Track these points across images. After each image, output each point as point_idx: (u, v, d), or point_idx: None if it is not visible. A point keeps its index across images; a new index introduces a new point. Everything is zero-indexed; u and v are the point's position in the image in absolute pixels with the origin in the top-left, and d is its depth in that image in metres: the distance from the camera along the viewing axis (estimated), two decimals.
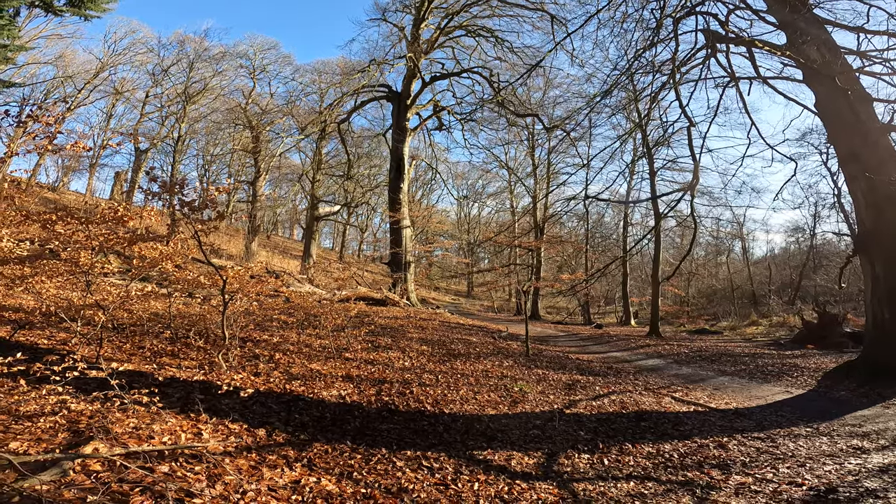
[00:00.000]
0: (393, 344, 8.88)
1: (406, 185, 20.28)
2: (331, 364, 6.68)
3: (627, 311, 24.92)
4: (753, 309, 28.75)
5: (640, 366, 11.40)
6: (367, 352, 7.81)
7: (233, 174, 36.18)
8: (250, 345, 6.87)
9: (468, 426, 5.10)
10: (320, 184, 30.77)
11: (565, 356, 11.65)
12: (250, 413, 4.38)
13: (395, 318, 13.22)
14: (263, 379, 5.42)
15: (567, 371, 9.06)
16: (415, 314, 15.60)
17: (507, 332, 14.40)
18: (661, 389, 8.51)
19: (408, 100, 21.65)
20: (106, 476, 2.70)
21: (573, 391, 7.42)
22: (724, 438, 5.75)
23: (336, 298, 16.56)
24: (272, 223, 43.49)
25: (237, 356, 6.18)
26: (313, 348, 7.47)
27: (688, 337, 18.59)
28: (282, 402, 4.81)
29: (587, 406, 6.59)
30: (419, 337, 10.48)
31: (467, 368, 7.83)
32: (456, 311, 27.26)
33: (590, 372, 9.38)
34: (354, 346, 8.00)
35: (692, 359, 12.56)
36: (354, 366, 6.82)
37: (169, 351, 6.00)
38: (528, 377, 7.91)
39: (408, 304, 17.81)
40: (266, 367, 5.93)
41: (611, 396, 7.38)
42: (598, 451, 4.97)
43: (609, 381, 8.63)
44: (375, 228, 44.16)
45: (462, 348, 9.86)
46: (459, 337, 11.60)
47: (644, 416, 6.52)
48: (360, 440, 4.27)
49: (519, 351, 10.76)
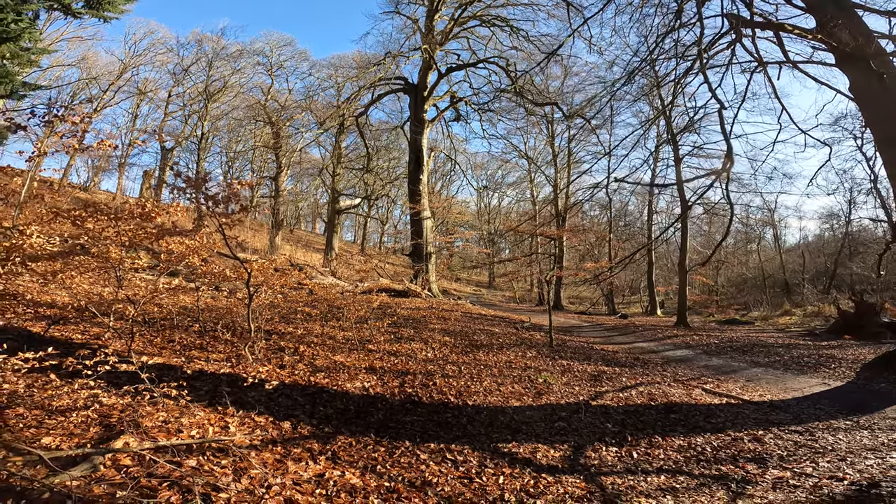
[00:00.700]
0: (415, 335, 8.87)
1: (425, 177, 20.20)
2: (354, 356, 6.70)
3: (653, 301, 24.40)
4: (786, 298, 27.80)
5: (668, 357, 11.14)
6: (389, 343, 7.83)
7: (255, 170, 36.74)
8: (276, 337, 6.95)
9: (492, 418, 5.04)
10: (340, 177, 30.96)
11: (590, 347, 11.46)
12: (276, 406, 4.41)
13: (417, 309, 13.24)
14: (288, 371, 5.46)
15: (592, 362, 8.90)
16: (436, 305, 15.59)
17: (529, 323, 14.26)
18: (691, 381, 8.29)
19: (424, 91, 21.48)
20: (135, 471, 2.74)
21: (599, 382, 7.28)
22: (760, 431, 5.56)
23: (358, 290, 16.69)
24: (295, 217, 44.13)
25: (263, 349, 6.26)
26: (337, 340, 7.52)
27: (717, 327, 18.08)
28: (306, 394, 4.84)
29: (614, 398, 6.45)
30: (441, 328, 10.46)
31: (490, 359, 7.76)
32: (477, 302, 27.19)
33: (616, 363, 9.20)
34: (377, 338, 8.02)
35: (723, 349, 12.20)
36: (377, 357, 6.83)
37: (198, 344, 6.11)
38: (552, 368, 7.80)
39: (429, 295, 17.83)
40: (291, 359, 5.99)
41: (638, 388, 7.21)
42: (626, 443, 4.86)
43: (636, 373, 8.44)
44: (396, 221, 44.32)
45: (485, 339, 9.80)
46: (482, 328, 11.53)
47: (674, 408, 6.35)
48: (384, 433, 4.26)
49: (542, 342, 10.63)
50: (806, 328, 17.63)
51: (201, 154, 27.48)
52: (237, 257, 5.38)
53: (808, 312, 22.86)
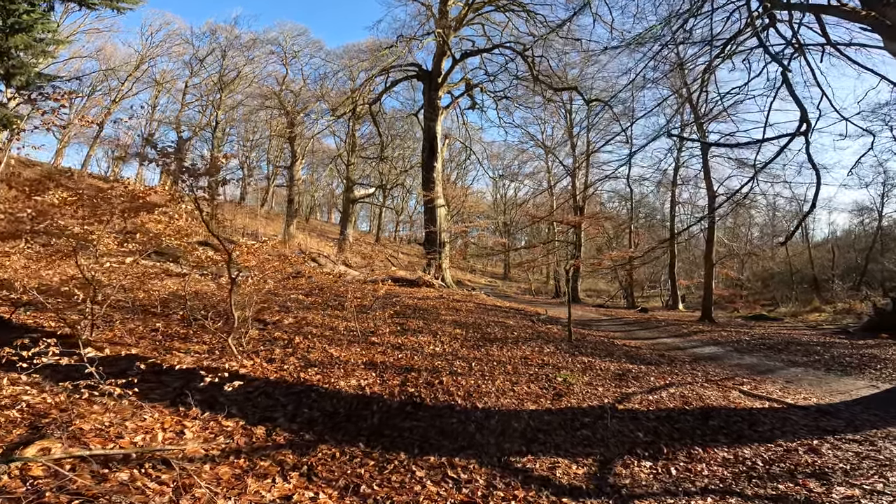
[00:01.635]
0: (424, 327, 8.20)
1: (440, 164, 19.44)
2: (354, 349, 6.07)
3: (675, 295, 23.29)
4: (816, 294, 26.37)
5: (696, 354, 10.27)
6: (395, 336, 7.17)
7: (271, 160, 36.48)
8: (271, 328, 6.37)
9: (504, 424, 4.34)
10: (355, 167, 30.42)
11: (611, 342, 10.65)
12: (252, 406, 3.80)
13: (428, 299, 12.58)
14: (277, 366, 4.85)
15: (615, 359, 8.11)
16: (449, 296, 14.92)
17: (546, 316, 13.48)
18: (725, 381, 7.47)
19: (439, 78, 20.65)
20: (45, 483, 2.13)
21: (625, 382, 6.51)
22: (815, 441, 4.77)
23: (369, 279, 16.13)
24: (310, 207, 43.85)
25: (253, 339, 5.67)
26: (338, 331, 6.90)
27: (744, 323, 17.01)
28: (292, 393, 4.21)
29: (643, 401, 5.69)
30: (452, 320, 9.77)
31: (504, 355, 7.04)
32: (492, 293, 26.42)
33: (641, 360, 8.39)
34: (382, 330, 7.38)
35: (754, 347, 11.26)
36: (380, 351, 6.18)
37: (182, 334, 5.56)
38: (572, 366, 7.05)
39: (442, 285, 17.16)
40: (282, 352, 5.38)
41: (669, 389, 6.43)
42: (661, 456, 4.12)
43: (664, 371, 7.63)
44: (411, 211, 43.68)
45: (498, 332, 9.08)
46: (495, 320, 10.81)
47: (712, 413, 5.57)
48: (376, 441, 3.61)
49: (560, 336, 9.86)
50: (838, 325, 16.53)
51: (216, 143, 27.15)
52: (218, 237, 4.77)
53: (839, 309, 21.66)
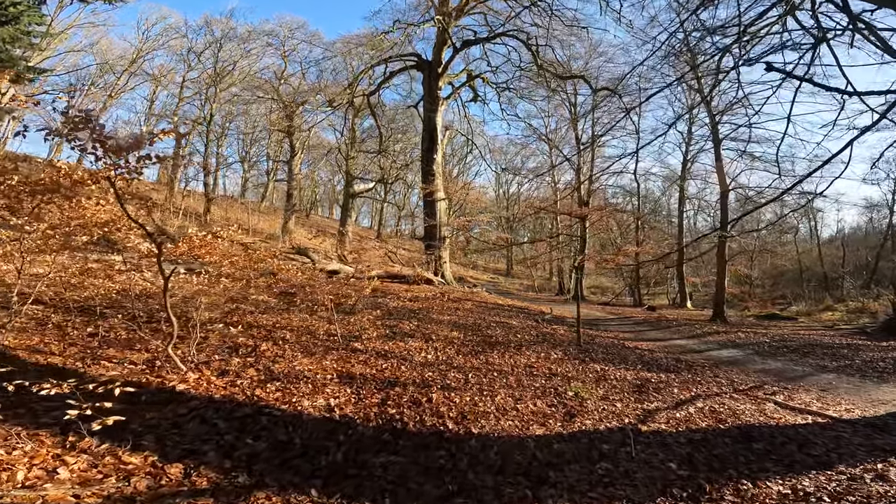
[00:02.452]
0: (417, 330, 7.29)
1: (440, 157, 18.48)
2: (331, 358, 5.16)
3: (683, 293, 22.32)
4: (828, 293, 25.34)
5: (714, 357, 9.33)
6: (382, 341, 6.26)
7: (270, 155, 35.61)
8: (237, 332, 5.46)
9: (505, 457, 3.42)
10: (355, 161, 29.49)
11: (622, 344, 9.72)
12: (178, 435, 2.90)
13: (425, 297, 11.66)
14: (228, 380, 3.95)
15: (630, 366, 7.18)
16: (448, 293, 14.00)
17: (550, 315, 12.55)
18: (755, 390, 6.55)
19: (439, 68, 19.64)
20: None
21: (644, 395, 5.58)
22: (879, 465, 3.89)
23: (365, 276, 15.23)
24: (311, 202, 42.98)
25: (211, 347, 4.78)
26: (316, 336, 6.00)
27: (758, 323, 16.03)
28: (237, 416, 3.31)
29: (669, 419, 4.76)
30: (450, 320, 8.86)
31: (506, 363, 6.12)
32: (494, 291, 25.46)
33: (658, 367, 7.47)
34: (369, 334, 6.47)
35: (776, 350, 10.30)
36: (361, 360, 5.27)
37: (125, 339, 4.66)
38: (583, 375, 6.12)
39: (442, 282, 16.24)
40: (241, 362, 4.48)
41: (696, 403, 5.50)
42: (704, 496, 3.21)
43: (685, 380, 6.70)
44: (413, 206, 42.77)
45: (500, 335, 8.16)
46: (497, 320, 9.89)
47: (752, 432, 4.64)
48: (336, 485, 2.70)
49: (568, 338, 8.94)
50: (855, 325, 15.63)
51: (210, 136, 26.27)
52: (141, 224, 3.85)
53: (852, 308, 20.76)
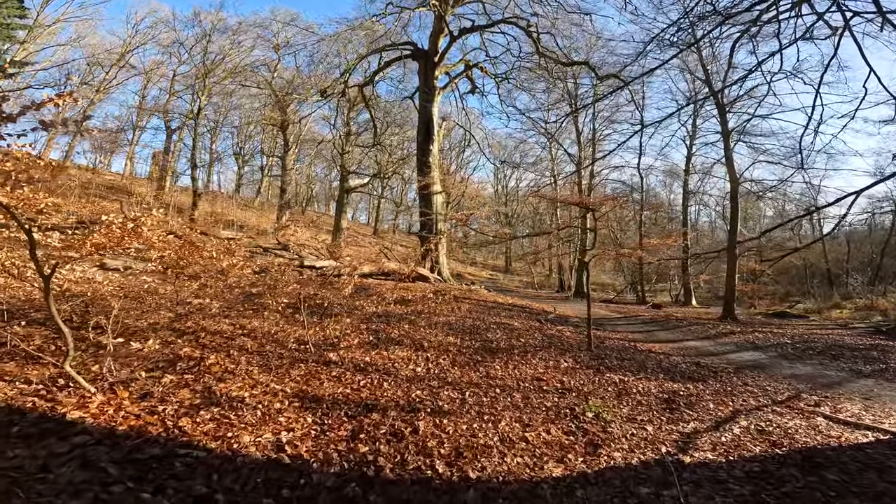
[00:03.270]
0: (407, 335, 6.29)
1: (436, 148, 17.43)
2: (296, 373, 4.17)
3: (688, 290, 21.39)
4: (835, 290, 24.47)
5: (735, 361, 8.37)
6: (364, 349, 5.27)
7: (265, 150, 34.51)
8: (184, 340, 4.47)
9: None
10: (350, 155, 28.40)
11: (633, 347, 8.75)
12: (40, 484, 1.90)
13: (419, 296, 10.68)
14: (148, 406, 2.95)
15: (651, 374, 6.20)
16: (445, 292, 13.02)
17: (554, 314, 11.57)
18: (794, 401, 5.62)
19: (435, 57, 18.58)
20: None
21: (676, 412, 4.61)
22: None
23: (356, 273, 14.25)
24: (307, 198, 41.84)
25: (146, 359, 3.78)
26: (284, 344, 5.00)
27: (769, 321, 15.05)
28: (139, 458, 2.30)
29: (714, 444, 3.79)
30: (445, 322, 7.86)
31: (510, 375, 5.14)
32: (493, 288, 24.47)
33: (681, 375, 6.50)
34: (349, 340, 5.47)
35: (801, 352, 9.34)
36: (334, 376, 4.28)
37: (35, 348, 3.66)
38: (601, 389, 5.14)
39: (438, 279, 15.25)
40: (175, 380, 3.48)
41: (738, 421, 4.54)
42: None
43: (717, 391, 5.73)
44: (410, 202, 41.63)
45: (502, 339, 7.18)
46: (497, 321, 8.91)
47: (816, 457, 3.70)
48: None
49: (575, 341, 7.97)
50: (869, 324, 14.75)
51: (198, 130, 25.11)
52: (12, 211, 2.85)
53: (860, 306, 19.95)
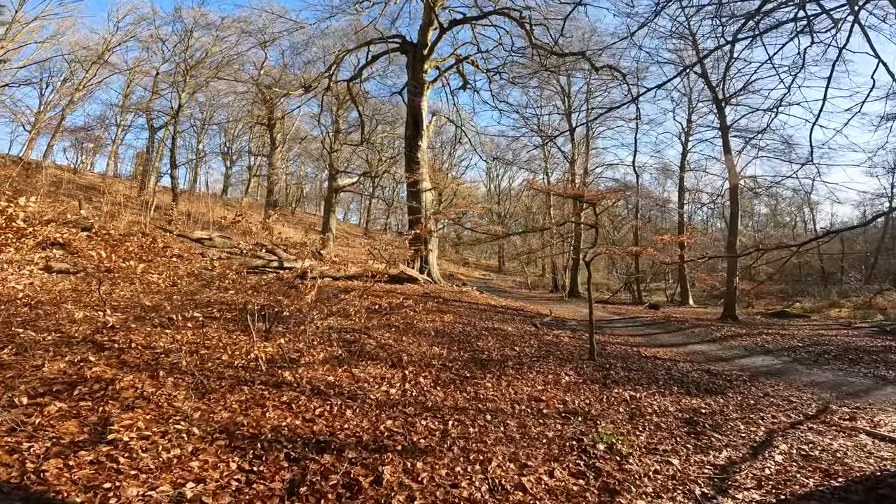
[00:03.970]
0: (384, 346, 5.43)
1: (425, 144, 16.58)
2: (235, 398, 3.30)
3: (685, 290, 20.71)
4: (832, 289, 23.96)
5: (748, 367, 7.60)
6: (330, 366, 4.39)
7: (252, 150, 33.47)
8: (100, 357, 3.59)
9: None
10: (339, 154, 27.47)
11: (637, 353, 7.97)
12: None
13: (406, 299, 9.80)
14: (9, 443, 2.07)
15: (664, 387, 5.40)
16: (435, 294, 12.19)
17: (550, 317, 10.75)
18: (827, 415, 4.90)
19: (424, 49, 17.73)
20: None
21: (703, 438, 3.80)
22: None
23: (342, 276, 13.36)
24: (296, 199, 40.75)
25: (38, 382, 2.89)
26: (231, 361, 4.12)
27: (771, 322, 14.36)
28: None
29: (759, 480, 2.97)
30: (432, 329, 7.01)
31: (503, 395, 4.29)
32: (486, 289, 23.66)
33: (695, 385, 5.70)
34: (313, 355, 4.59)
35: (816, 356, 8.61)
36: (283, 402, 3.41)
37: None
38: (609, 408, 4.32)
39: (428, 280, 14.40)
40: (64, 408, 2.58)
41: (776, 445, 3.77)
42: None
43: (739, 405, 4.95)
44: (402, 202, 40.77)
45: (494, 347, 6.35)
46: (490, 326, 8.09)
47: (879, 487, 3.00)
48: None
49: (575, 348, 7.17)
50: (872, 323, 14.17)
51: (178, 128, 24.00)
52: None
53: (858, 305, 19.39)
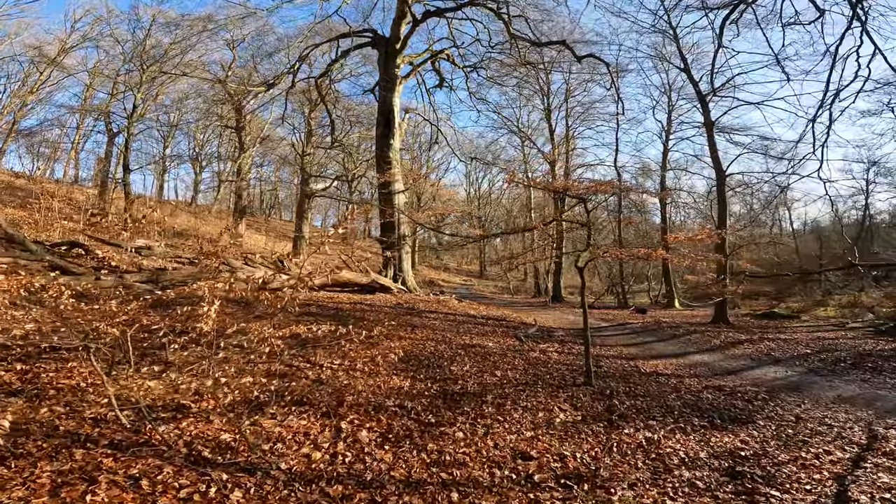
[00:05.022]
0: (326, 382, 4.12)
1: (397, 142, 15.34)
2: (53, 471, 2.00)
3: (671, 292, 19.90)
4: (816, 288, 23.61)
5: (762, 382, 6.55)
6: (235, 416, 3.07)
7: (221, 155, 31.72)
8: None
9: None
10: (312, 158, 26.02)
11: (636, 369, 6.83)
12: None
13: (373, 312, 8.52)
14: None
15: (682, 419, 4.23)
16: (410, 304, 10.92)
17: (536, 328, 9.59)
18: (881, 443, 4.00)
19: (397, 44, 16.57)
20: None
21: (759, 498, 2.65)
22: None
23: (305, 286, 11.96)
24: (269, 205, 38.91)
25: None
26: (76, 411, 2.79)
27: (764, 324, 13.50)
28: None
29: None
30: (398, 348, 5.74)
31: (477, 452, 3.04)
32: (467, 294, 22.50)
33: (717, 412, 4.56)
34: (214, 399, 3.24)
35: (831, 365, 7.64)
36: (129, 477, 2.12)
37: None
38: (623, 463, 3.12)
39: (402, 289, 13.09)
40: None
41: (854, 498, 2.63)
42: None
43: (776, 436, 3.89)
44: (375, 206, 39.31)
45: (470, 373, 5.12)
46: (467, 343, 6.86)
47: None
48: None
49: (567, 368, 5.99)
50: (864, 323, 13.57)
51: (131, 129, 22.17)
52: None
53: (843, 303, 18.90)
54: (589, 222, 6.27)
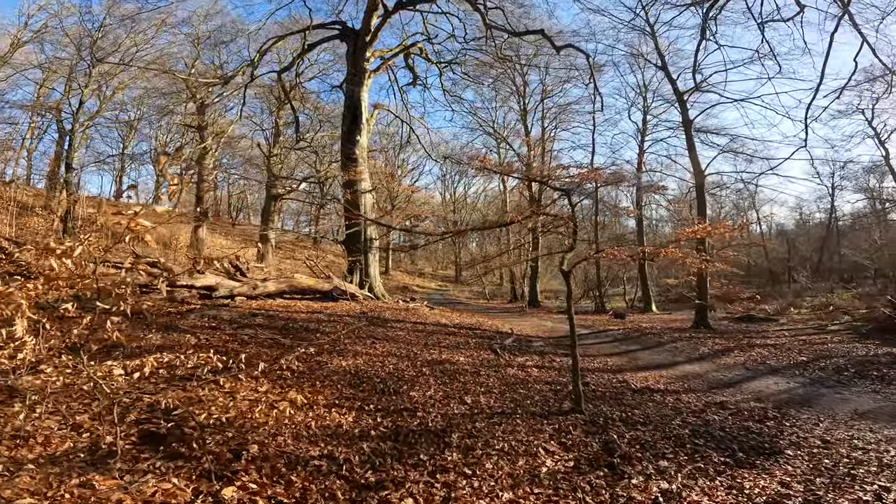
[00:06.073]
0: (232, 421, 3.07)
1: (364, 139, 14.28)
2: None
3: (647, 296, 19.44)
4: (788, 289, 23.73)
5: (766, 396, 5.80)
6: (80, 474, 2.00)
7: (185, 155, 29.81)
8: None
9: None
10: (279, 158, 24.61)
11: (624, 385, 5.98)
12: None
13: (329, 322, 7.41)
14: None
15: (697, 454, 3.34)
16: (375, 312, 9.85)
17: (513, 338, 8.65)
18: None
19: (367, 36, 15.59)
20: None
21: None
22: None
23: (259, 293, 10.71)
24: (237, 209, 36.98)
25: None
26: None
27: (745, 328, 12.97)
28: None
29: None
30: (350, 368, 4.69)
31: None
32: (442, 300, 21.46)
33: (736, 443, 3.71)
34: (51, 446, 2.18)
35: (834, 374, 7.00)
36: None
37: None
38: None
39: (369, 296, 11.97)
40: None
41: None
42: None
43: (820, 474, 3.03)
44: None
45: (433, 400, 4.11)
46: (435, 357, 5.86)
47: None
48: None
49: (550, 389, 5.05)
50: (842, 324, 13.39)
51: (75, 127, 20.33)
52: None
53: (817, 305, 18.81)
54: (574, 218, 5.40)
